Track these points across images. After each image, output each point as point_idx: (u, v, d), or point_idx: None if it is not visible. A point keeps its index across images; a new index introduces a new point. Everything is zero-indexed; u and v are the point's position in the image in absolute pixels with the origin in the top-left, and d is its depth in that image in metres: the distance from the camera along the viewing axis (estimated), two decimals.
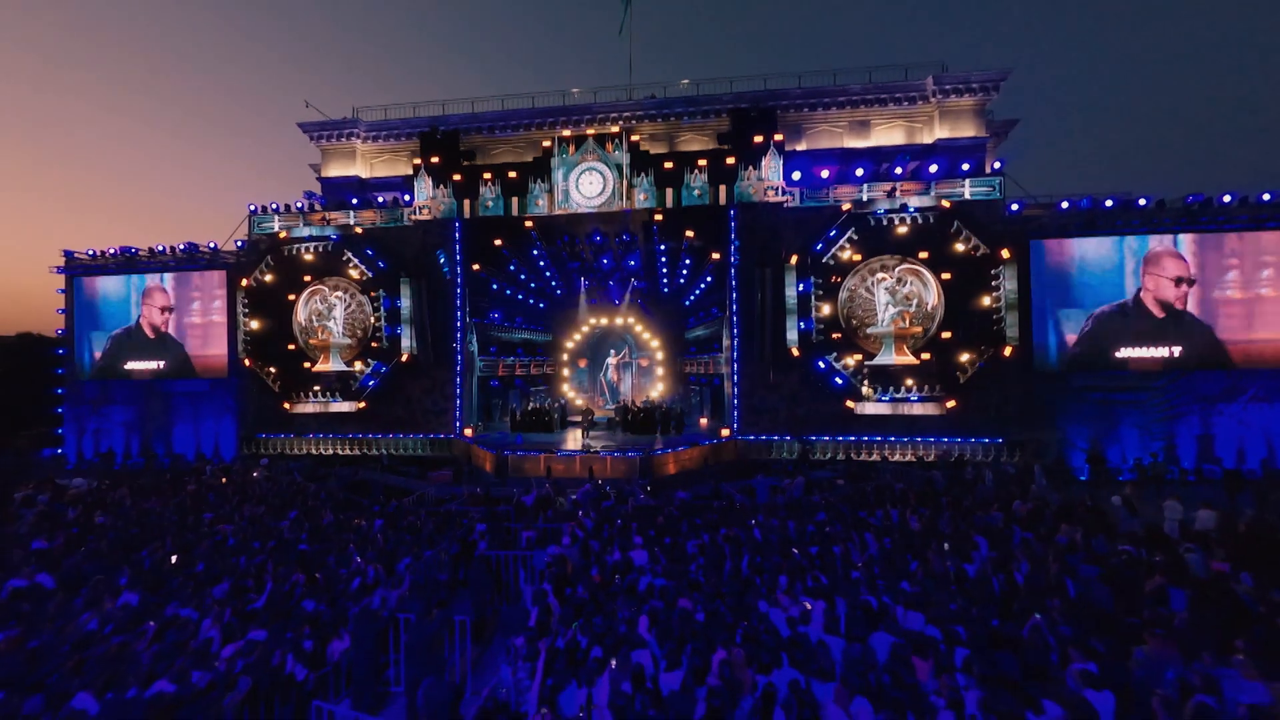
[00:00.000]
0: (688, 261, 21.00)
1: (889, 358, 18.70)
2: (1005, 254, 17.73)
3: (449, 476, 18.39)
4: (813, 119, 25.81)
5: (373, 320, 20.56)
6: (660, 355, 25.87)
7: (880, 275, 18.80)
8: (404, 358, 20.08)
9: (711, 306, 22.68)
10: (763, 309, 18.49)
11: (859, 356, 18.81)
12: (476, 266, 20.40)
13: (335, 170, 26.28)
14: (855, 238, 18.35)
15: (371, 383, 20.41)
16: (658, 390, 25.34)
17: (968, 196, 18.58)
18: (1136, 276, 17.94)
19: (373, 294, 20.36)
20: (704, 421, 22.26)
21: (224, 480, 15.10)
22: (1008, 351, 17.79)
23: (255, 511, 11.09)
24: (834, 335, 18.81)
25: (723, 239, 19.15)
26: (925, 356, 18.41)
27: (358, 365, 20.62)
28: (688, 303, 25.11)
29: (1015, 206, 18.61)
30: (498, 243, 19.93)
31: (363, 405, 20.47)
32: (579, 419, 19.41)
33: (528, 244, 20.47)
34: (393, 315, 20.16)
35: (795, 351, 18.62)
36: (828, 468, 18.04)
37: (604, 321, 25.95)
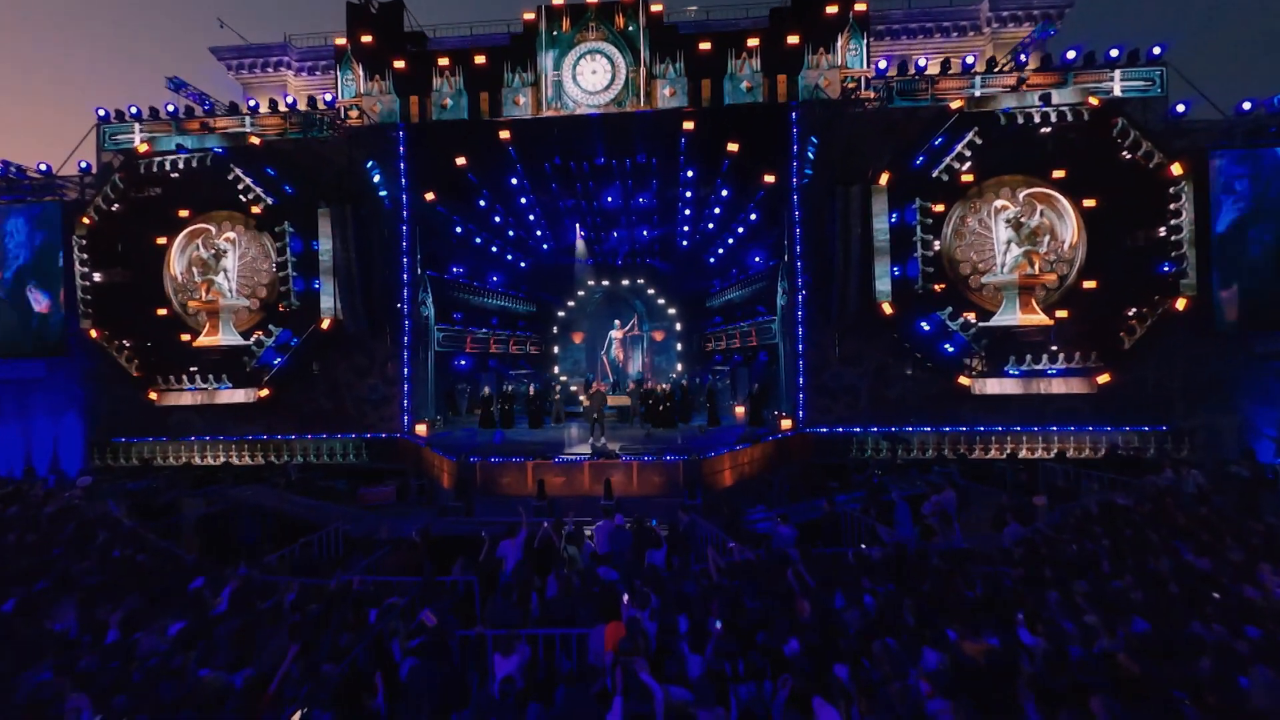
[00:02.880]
0: (725, 194, 15.38)
1: (1012, 316, 13.50)
2: (1177, 169, 12.64)
3: (391, 495, 12.50)
4: None
5: (278, 271, 14.31)
6: (678, 326, 20.29)
7: (1000, 203, 13.55)
8: (325, 324, 13.88)
9: (752, 255, 17.14)
10: (845, 248, 12.95)
11: (971, 315, 13.57)
12: (431, 196, 14.39)
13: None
14: (979, 142, 12.95)
15: (278, 361, 14.15)
16: (676, 370, 19.76)
17: (1118, 93, 13.45)
18: None
19: (276, 230, 14.09)
20: (739, 410, 16.87)
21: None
22: (1181, 305, 12.75)
23: None
24: (936, 286, 13.51)
25: (781, 153, 13.61)
26: (1061, 314, 13.29)
27: (259, 336, 14.37)
28: (712, 260, 19.54)
29: (1181, 108, 13.52)
30: (461, 162, 13.92)
31: (265, 393, 14.18)
32: (589, 407, 13.65)
33: (504, 165, 14.50)
34: (307, 262, 13.92)
35: (888, 308, 13.21)
36: (933, 469, 12.82)
37: (605, 283, 20.16)
